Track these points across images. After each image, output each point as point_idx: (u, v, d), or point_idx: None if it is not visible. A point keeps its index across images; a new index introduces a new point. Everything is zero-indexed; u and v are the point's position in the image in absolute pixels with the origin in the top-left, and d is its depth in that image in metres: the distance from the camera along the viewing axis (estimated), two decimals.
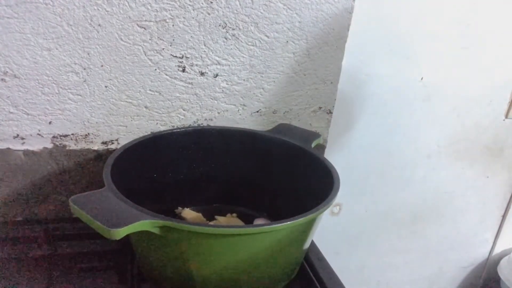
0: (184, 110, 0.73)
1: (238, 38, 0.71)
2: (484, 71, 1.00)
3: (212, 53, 0.70)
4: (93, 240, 0.65)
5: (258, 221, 0.69)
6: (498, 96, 1.06)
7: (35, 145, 0.67)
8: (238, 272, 0.49)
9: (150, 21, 0.65)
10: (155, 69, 0.68)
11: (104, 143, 0.71)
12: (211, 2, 0.67)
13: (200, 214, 0.69)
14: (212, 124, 0.76)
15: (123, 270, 0.60)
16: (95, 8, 0.61)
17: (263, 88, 0.76)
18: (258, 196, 0.72)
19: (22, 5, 0.58)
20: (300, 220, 0.47)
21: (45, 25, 0.60)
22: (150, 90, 0.70)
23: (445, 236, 1.22)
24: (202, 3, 0.66)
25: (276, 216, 0.50)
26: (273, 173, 0.70)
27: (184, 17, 0.66)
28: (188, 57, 0.69)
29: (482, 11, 0.92)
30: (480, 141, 1.10)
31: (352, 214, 1.07)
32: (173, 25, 0.66)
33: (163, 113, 0.72)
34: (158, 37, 0.66)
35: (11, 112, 0.64)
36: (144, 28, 0.65)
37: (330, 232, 1.07)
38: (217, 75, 0.72)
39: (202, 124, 0.76)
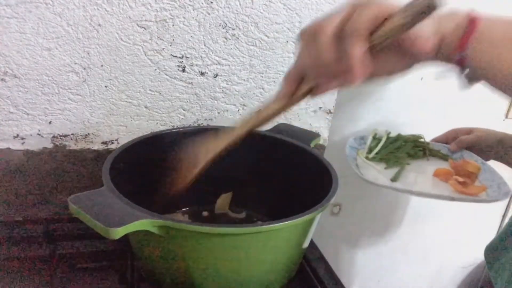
0: (184, 110, 0.73)
1: (238, 38, 0.71)
2: None
3: (212, 53, 0.70)
4: (93, 240, 0.65)
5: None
6: (498, 96, 1.06)
7: (35, 145, 0.67)
8: (237, 272, 0.49)
9: (150, 21, 0.65)
10: (155, 69, 0.68)
11: (104, 143, 0.71)
12: (211, 2, 0.67)
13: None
14: (212, 124, 0.76)
15: (123, 270, 0.60)
16: (95, 8, 0.62)
17: (263, 88, 0.77)
18: (258, 196, 0.71)
19: (22, 5, 0.58)
20: (299, 220, 0.47)
21: (45, 25, 0.60)
22: (150, 90, 0.70)
23: (445, 236, 1.22)
24: (202, 3, 0.66)
25: (275, 215, 0.50)
26: (272, 173, 0.70)
27: (184, 17, 0.66)
28: (188, 57, 0.69)
29: (482, 11, 0.92)
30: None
31: (352, 214, 1.07)
32: (173, 25, 0.66)
33: (163, 113, 0.72)
34: (158, 37, 0.66)
35: (11, 112, 0.64)
36: (144, 28, 0.65)
37: (330, 232, 1.07)
38: (217, 75, 0.72)
39: (202, 124, 0.76)
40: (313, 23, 0.41)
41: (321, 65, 0.41)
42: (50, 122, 0.67)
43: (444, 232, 1.21)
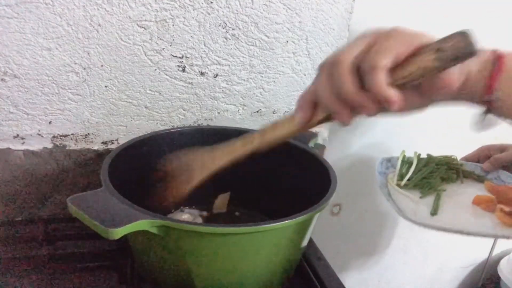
0: (184, 110, 0.73)
1: (238, 38, 0.71)
2: None
3: (212, 53, 0.70)
4: (93, 240, 0.65)
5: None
6: None
7: (35, 145, 0.67)
8: (236, 271, 0.49)
9: (150, 21, 0.65)
10: (155, 69, 0.68)
11: (104, 143, 0.71)
12: (211, 2, 0.67)
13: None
14: (212, 124, 0.76)
15: (123, 270, 0.60)
16: (95, 8, 0.62)
17: (263, 88, 0.77)
18: (258, 196, 0.72)
19: (22, 5, 0.58)
20: (297, 220, 0.47)
21: (45, 25, 0.60)
22: (150, 90, 0.70)
23: (445, 236, 1.22)
24: (202, 3, 0.66)
25: (274, 215, 0.50)
26: (272, 172, 0.70)
27: (184, 17, 0.66)
28: (188, 57, 0.69)
29: (482, 11, 0.92)
30: (480, 141, 1.10)
31: (352, 214, 1.07)
32: (173, 25, 0.66)
33: (163, 113, 0.72)
34: (158, 37, 0.66)
35: (11, 112, 0.64)
36: (144, 28, 0.65)
37: (330, 232, 1.07)
38: (217, 75, 0.72)
39: (202, 124, 0.76)
40: (333, 55, 0.40)
41: (341, 97, 0.39)
42: (50, 122, 0.67)
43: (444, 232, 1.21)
